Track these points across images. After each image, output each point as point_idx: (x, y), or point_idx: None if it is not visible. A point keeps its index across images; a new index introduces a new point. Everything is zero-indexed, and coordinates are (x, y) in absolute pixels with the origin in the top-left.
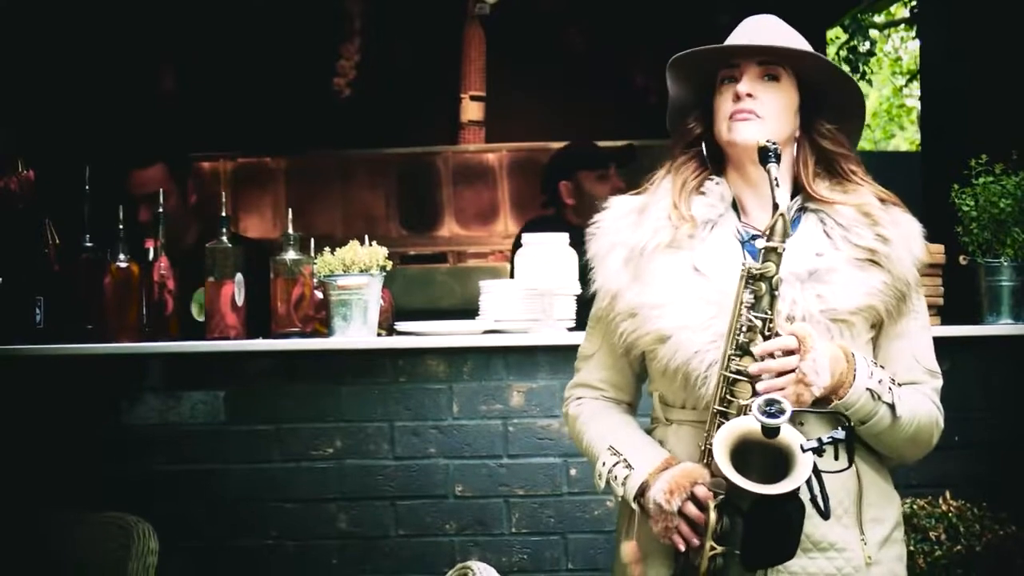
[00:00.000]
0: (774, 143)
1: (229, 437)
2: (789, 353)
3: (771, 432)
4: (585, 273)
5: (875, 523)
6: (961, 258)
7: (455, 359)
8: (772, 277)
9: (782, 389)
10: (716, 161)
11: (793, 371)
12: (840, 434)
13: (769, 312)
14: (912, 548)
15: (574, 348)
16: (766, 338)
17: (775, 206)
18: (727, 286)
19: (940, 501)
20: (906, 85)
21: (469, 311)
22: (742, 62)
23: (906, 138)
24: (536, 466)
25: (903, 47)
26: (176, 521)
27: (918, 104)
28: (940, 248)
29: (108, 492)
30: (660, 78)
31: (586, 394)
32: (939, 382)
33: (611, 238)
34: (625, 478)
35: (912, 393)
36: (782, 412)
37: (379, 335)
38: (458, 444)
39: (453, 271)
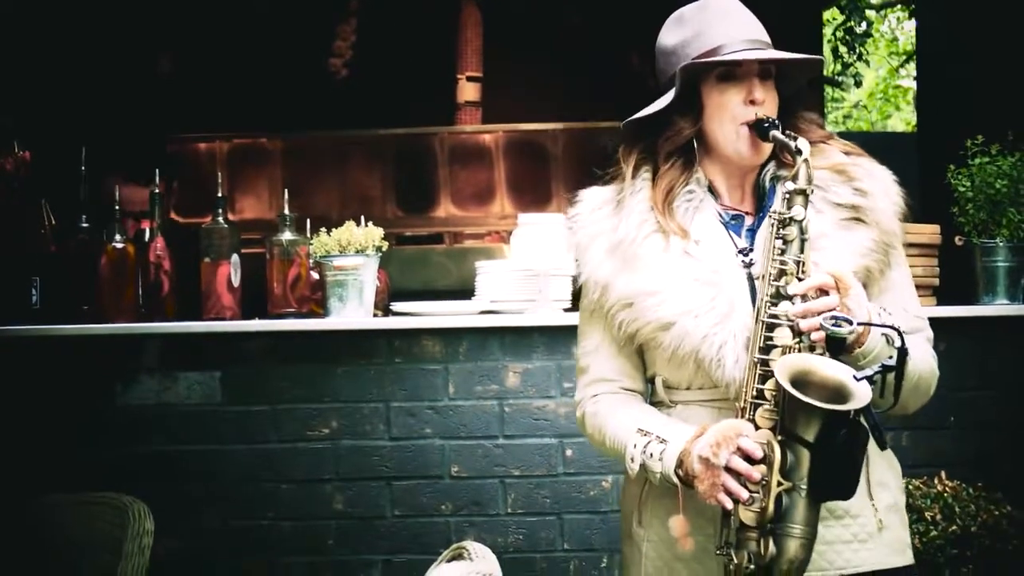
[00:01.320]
0: (767, 116)
1: (225, 418)
2: (824, 292)
3: (839, 344)
4: None
5: (881, 487)
6: (957, 239)
7: (451, 340)
8: (802, 220)
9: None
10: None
11: (835, 309)
12: (891, 361)
13: (801, 255)
14: None
15: (570, 328)
16: (801, 281)
17: (798, 151)
18: (720, 266)
19: (935, 481)
20: (902, 66)
21: (465, 292)
22: (744, 62)
23: (902, 119)
24: (532, 447)
25: (899, 27)
26: (172, 502)
27: (914, 85)
28: (936, 229)
29: (104, 473)
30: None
31: (602, 389)
32: (930, 331)
33: (590, 229)
34: (662, 452)
35: (913, 339)
36: (849, 322)
37: (375, 316)
38: (454, 424)
39: (449, 252)
